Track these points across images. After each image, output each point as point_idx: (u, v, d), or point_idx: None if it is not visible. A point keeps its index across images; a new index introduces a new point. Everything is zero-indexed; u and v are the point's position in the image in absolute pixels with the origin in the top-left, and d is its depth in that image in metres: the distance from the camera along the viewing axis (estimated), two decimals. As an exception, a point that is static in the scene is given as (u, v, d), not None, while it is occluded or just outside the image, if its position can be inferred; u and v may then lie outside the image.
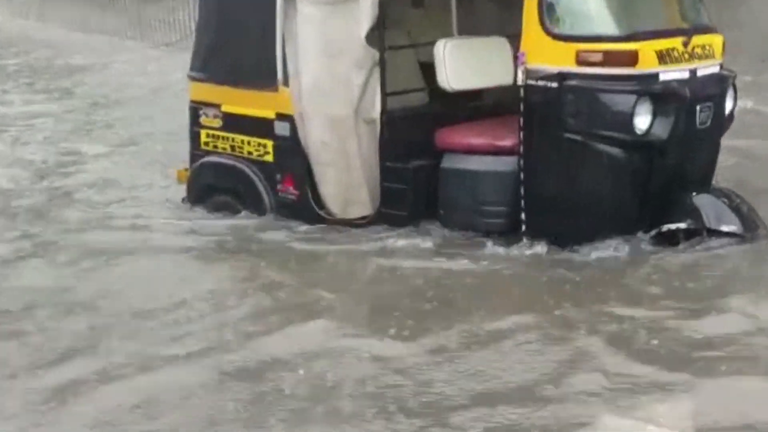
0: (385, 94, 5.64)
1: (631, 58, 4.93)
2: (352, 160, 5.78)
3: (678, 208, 5.20)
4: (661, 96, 4.97)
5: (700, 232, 5.11)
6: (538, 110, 5.08)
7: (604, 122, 4.94)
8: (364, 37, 5.55)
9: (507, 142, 5.47)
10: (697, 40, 5.22)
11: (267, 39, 5.95)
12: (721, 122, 5.35)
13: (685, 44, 5.16)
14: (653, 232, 5.17)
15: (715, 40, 5.42)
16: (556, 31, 5.01)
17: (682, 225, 5.13)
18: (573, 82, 4.96)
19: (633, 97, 4.90)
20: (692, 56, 5.20)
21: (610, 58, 4.92)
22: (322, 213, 5.96)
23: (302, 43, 5.81)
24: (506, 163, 5.46)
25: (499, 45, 5.96)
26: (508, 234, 5.41)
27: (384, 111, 5.65)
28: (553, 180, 5.13)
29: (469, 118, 5.89)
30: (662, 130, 4.97)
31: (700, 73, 5.22)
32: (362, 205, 5.87)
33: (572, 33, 5.03)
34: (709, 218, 5.11)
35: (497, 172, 5.49)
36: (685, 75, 5.12)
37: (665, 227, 5.16)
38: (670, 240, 5.17)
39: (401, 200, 5.69)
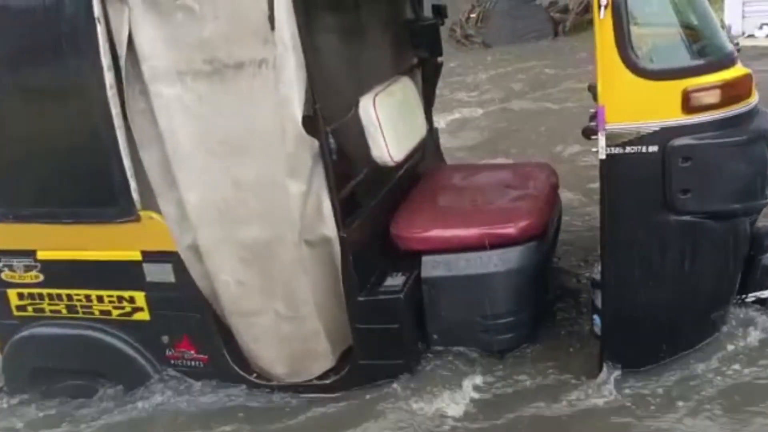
0: (339, 201, 3.37)
1: (747, 88, 3.26)
2: (302, 302, 3.52)
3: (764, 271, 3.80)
4: None
5: None
6: (629, 190, 3.22)
7: (732, 192, 3.25)
8: (300, 121, 3.19)
9: (511, 230, 3.74)
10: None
11: (104, 144, 3.32)
12: None
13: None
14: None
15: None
16: (650, 65, 3.12)
17: None
18: (684, 141, 3.13)
19: (763, 148, 3.29)
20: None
21: (727, 95, 3.17)
22: (252, 378, 3.78)
23: (172, 144, 3.29)
24: (511, 258, 3.72)
25: (409, 88, 4.28)
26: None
27: (341, 225, 3.40)
28: (652, 282, 3.36)
29: (403, 194, 4.13)
30: None
31: None
32: (323, 357, 3.74)
33: (672, 65, 3.16)
34: None
35: (504, 272, 3.70)
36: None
37: (752, 296, 3.78)
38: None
39: (391, 343, 3.61)
